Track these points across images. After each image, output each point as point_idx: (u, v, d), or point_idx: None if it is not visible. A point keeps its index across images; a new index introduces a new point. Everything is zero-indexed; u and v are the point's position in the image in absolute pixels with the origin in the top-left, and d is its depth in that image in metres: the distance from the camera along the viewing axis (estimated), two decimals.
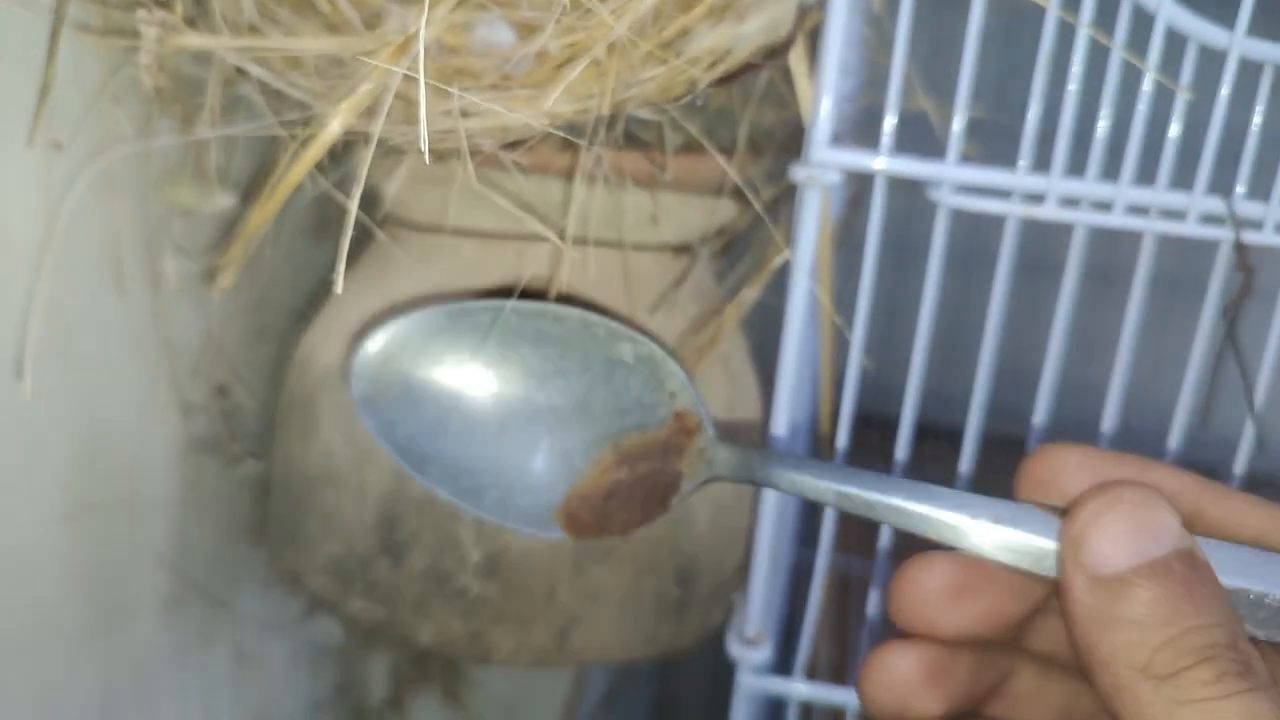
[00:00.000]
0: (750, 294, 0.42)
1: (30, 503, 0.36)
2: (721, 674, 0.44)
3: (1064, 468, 0.22)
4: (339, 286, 0.27)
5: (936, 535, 0.23)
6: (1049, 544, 0.21)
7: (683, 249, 0.43)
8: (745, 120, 0.37)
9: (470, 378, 0.29)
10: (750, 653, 0.39)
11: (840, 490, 0.25)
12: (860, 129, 0.41)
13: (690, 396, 0.28)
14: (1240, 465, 0.35)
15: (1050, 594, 0.24)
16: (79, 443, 0.38)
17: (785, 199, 0.45)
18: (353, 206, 0.27)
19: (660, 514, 0.27)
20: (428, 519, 0.38)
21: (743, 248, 0.47)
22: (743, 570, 0.45)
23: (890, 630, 0.25)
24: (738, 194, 0.43)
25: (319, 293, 0.48)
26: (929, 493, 0.23)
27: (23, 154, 0.32)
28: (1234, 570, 0.20)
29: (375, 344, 0.28)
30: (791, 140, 0.44)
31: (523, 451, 0.28)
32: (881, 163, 0.34)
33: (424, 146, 0.23)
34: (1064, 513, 0.21)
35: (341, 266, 0.27)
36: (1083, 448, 0.22)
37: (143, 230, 0.38)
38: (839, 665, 0.40)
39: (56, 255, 0.34)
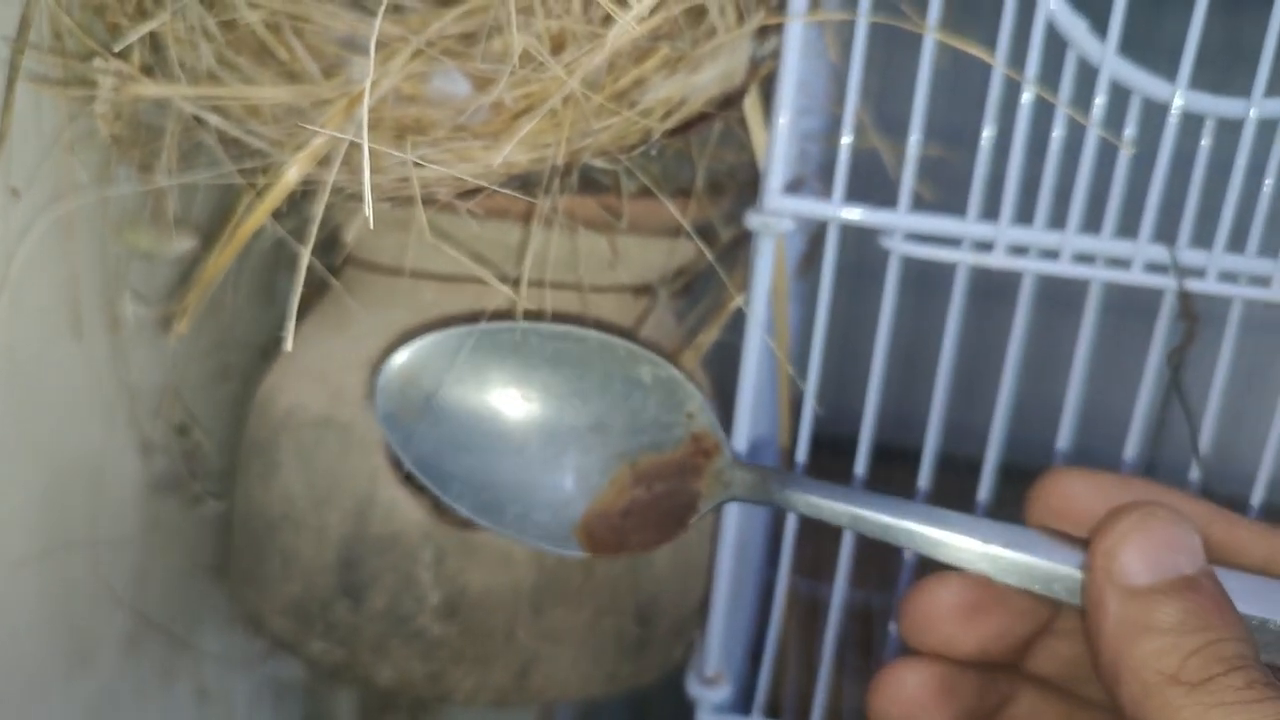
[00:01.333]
0: (707, 338, 0.43)
1: None
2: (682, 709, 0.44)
3: (1075, 492, 0.23)
4: (288, 343, 0.27)
5: (949, 558, 0.24)
6: (1061, 568, 0.22)
7: (643, 290, 0.43)
8: (701, 166, 0.38)
9: (491, 397, 0.30)
10: (708, 692, 0.39)
11: (856, 513, 0.25)
12: (825, 169, 0.42)
13: (709, 418, 0.29)
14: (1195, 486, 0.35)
15: (1053, 617, 0.24)
16: (40, 485, 0.38)
17: (745, 239, 0.46)
18: (305, 255, 0.28)
19: (678, 533, 0.28)
20: (387, 560, 0.38)
21: (704, 286, 0.47)
22: (704, 607, 0.45)
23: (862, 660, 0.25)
24: (699, 232, 0.43)
25: (281, 332, 0.48)
26: (942, 517, 0.24)
27: None
28: (1240, 596, 0.21)
29: (400, 360, 0.29)
30: (752, 181, 0.45)
31: (542, 469, 0.29)
32: (834, 210, 0.35)
33: (368, 208, 0.23)
34: (1075, 539, 0.22)
35: (292, 319, 0.27)
36: (1093, 472, 0.23)
37: (101, 274, 0.38)
38: (808, 696, 0.40)
39: (13, 298, 0.34)
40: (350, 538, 0.39)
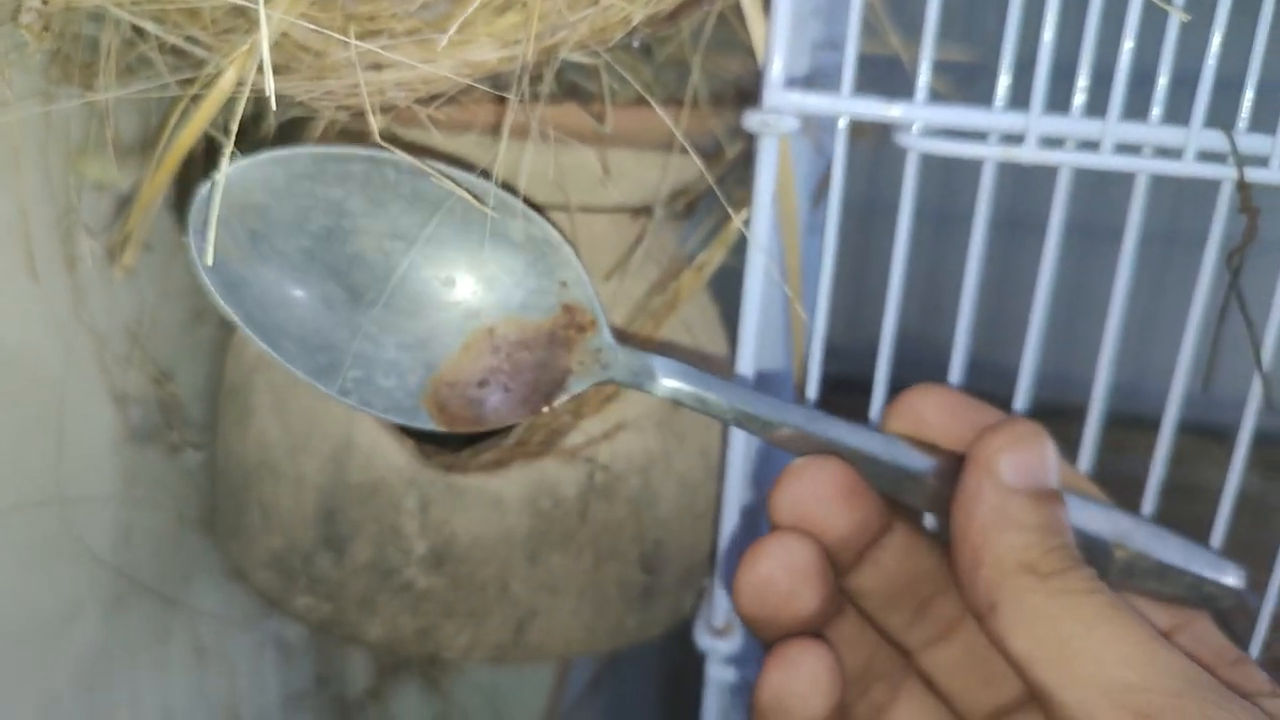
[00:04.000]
0: (711, 256, 0.39)
1: None
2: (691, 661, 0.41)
3: (930, 407, 0.25)
4: (209, 257, 0.24)
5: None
6: (919, 468, 0.25)
7: (640, 211, 0.40)
8: (695, 66, 0.34)
9: (331, 235, 0.25)
10: (719, 643, 0.36)
11: (739, 409, 0.25)
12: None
13: (585, 291, 0.26)
14: (1247, 427, 0.32)
15: (885, 531, 0.26)
16: (2, 438, 0.36)
17: (750, 154, 0.42)
18: (227, 148, 0.24)
19: (541, 410, 0.25)
20: (368, 509, 0.36)
21: (708, 207, 0.44)
22: (714, 553, 0.42)
23: None
24: (701, 149, 0.40)
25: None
26: (821, 418, 0.25)
27: None
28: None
29: (221, 181, 0.24)
30: (753, 87, 0.41)
31: (383, 326, 0.25)
32: (842, 104, 0.31)
33: (273, 102, 0.20)
34: (931, 447, 0.25)
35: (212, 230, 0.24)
36: (950, 391, 0.26)
37: (52, 209, 0.35)
38: None
39: None
40: (329, 486, 0.36)
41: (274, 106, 0.21)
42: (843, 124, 0.31)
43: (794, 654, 0.24)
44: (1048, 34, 0.30)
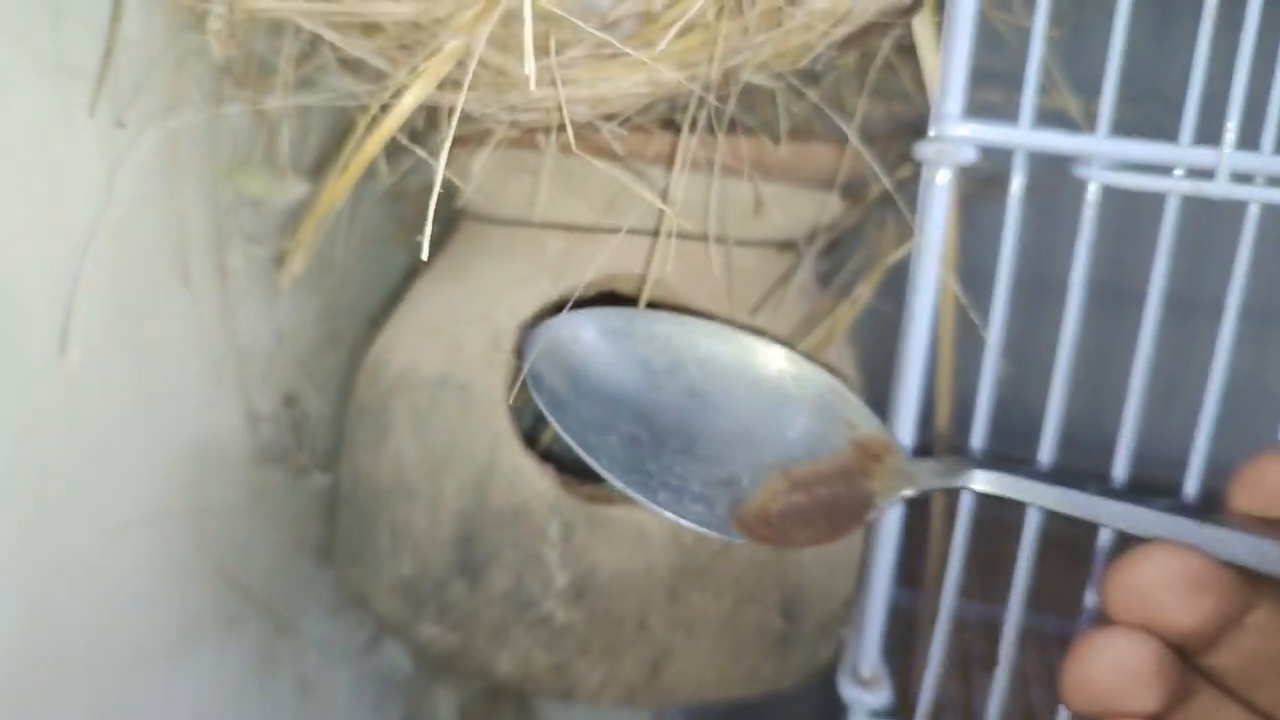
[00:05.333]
0: (865, 290, 0.38)
1: (92, 504, 0.34)
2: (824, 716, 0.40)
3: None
4: (425, 251, 0.24)
5: (1158, 535, 0.22)
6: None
7: (787, 245, 0.39)
8: (865, 93, 0.34)
9: (639, 385, 0.29)
10: (866, 695, 0.34)
11: (1061, 494, 0.24)
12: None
13: (873, 424, 0.27)
14: None
15: (1247, 608, 0.22)
16: (146, 446, 0.35)
17: (897, 195, 0.41)
18: (440, 170, 0.24)
19: (852, 529, 0.26)
20: (509, 535, 0.35)
21: (845, 249, 0.43)
22: (851, 604, 0.40)
23: None
24: (845, 187, 0.39)
25: (393, 298, 0.45)
26: (1146, 498, 0.23)
27: (85, 125, 0.30)
28: None
29: (557, 327, 0.29)
30: (899, 131, 0.41)
31: (685, 469, 0.28)
32: (1022, 136, 0.30)
33: (530, 70, 0.19)
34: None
35: (428, 235, 0.24)
36: None
37: (210, 218, 0.36)
38: (965, 708, 0.35)
39: (117, 237, 0.32)
40: (468, 510, 0.35)
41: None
42: (1022, 156, 0.31)
43: None
44: (1241, 71, 0.29)
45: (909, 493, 0.26)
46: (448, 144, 0.26)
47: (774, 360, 0.29)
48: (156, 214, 0.33)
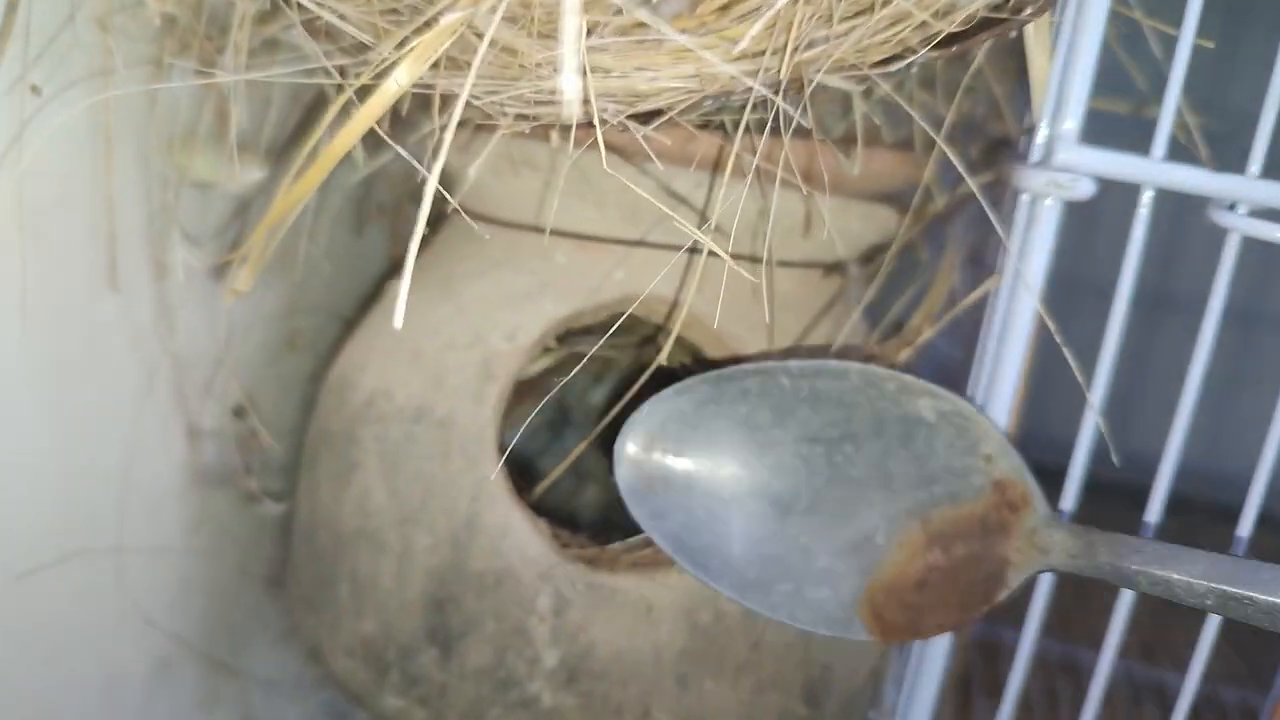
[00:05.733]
0: (923, 326, 0.33)
1: None
2: None
3: None
4: (402, 300, 0.18)
5: None
6: None
7: (832, 268, 0.33)
8: (957, 98, 0.28)
9: (745, 453, 0.25)
10: None
11: (1230, 592, 0.20)
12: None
13: (1013, 461, 0.23)
14: None
15: None
16: (58, 476, 0.30)
17: (955, 214, 0.36)
18: (433, 179, 0.18)
19: (982, 610, 0.23)
20: (490, 604, 0.29)
21: (906, 270, 0.37)
22: (878, 676, 0.35)
23: None
24: (900, 200, 0.34)
25: (365, 296, 0.39)
26: None
27: None
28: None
29: (638, 427, 0.25)
30: (972, 137, 0.35)
31: (814, 534, 0.24)
32: (1153, 170, 0.24)
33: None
34: None
35: (410, 264, 0.18)
36: None
37: (145, 208, 0.29)
38: None
39: (29, 233, 0.26)
40: (443, 570, 0.30)
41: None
42: (1148, 195, 0.25)
43: None
44: None
45: (1041, 569, 0.23)
46: (445, 148, 0.20)
47: (889, 383, 0.24)
48: (79, 200, 0.27)
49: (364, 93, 0.22)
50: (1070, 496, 0.27)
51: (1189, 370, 0.26)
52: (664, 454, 0.25)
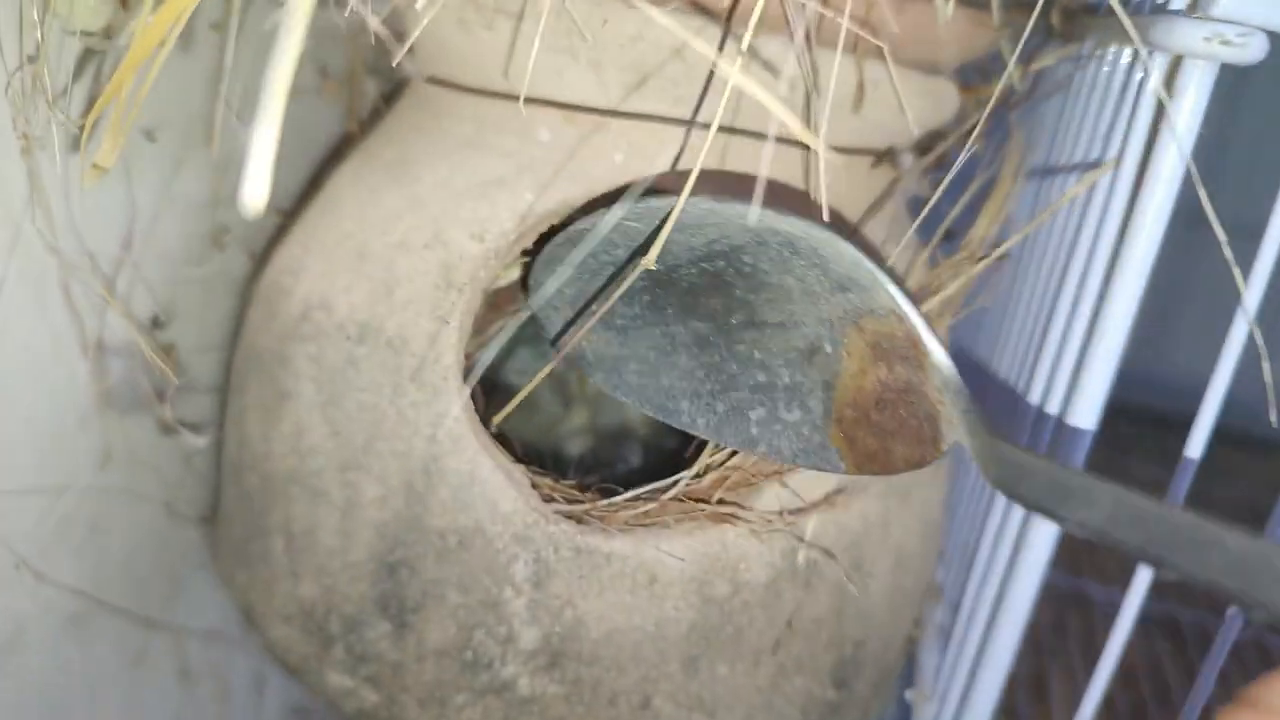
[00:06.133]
0: (982, 229, 0.26)
1: None
2: None
3: None
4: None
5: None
6: None
7: (884, 155, 0.27)
8: None
9: (650, 284, 0.23)
10: None
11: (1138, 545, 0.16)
12: None
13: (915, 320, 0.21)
14: None
15: None
16: None
17: (1029, 97, 0.29)
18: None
19: (938, 453, 0.21)
20: (453, 570, 0.23)
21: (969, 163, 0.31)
22: (908, 650, 0.30)
23: None
24: (961, 76, 0.27)
25: (310, 183, 0.33)
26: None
27: None
28: None
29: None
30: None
31: (761, 344, 0.23)
32: None
33: None
34: None
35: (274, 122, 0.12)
36: None
37: (9, 62, 0.22)
38: None
39: None
40: (397, 526, 0.24)
41: None
42: None
43: None
44: None
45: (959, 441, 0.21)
46: None
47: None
48: None
49: None
50: (1197, 443, 0.21)
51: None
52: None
